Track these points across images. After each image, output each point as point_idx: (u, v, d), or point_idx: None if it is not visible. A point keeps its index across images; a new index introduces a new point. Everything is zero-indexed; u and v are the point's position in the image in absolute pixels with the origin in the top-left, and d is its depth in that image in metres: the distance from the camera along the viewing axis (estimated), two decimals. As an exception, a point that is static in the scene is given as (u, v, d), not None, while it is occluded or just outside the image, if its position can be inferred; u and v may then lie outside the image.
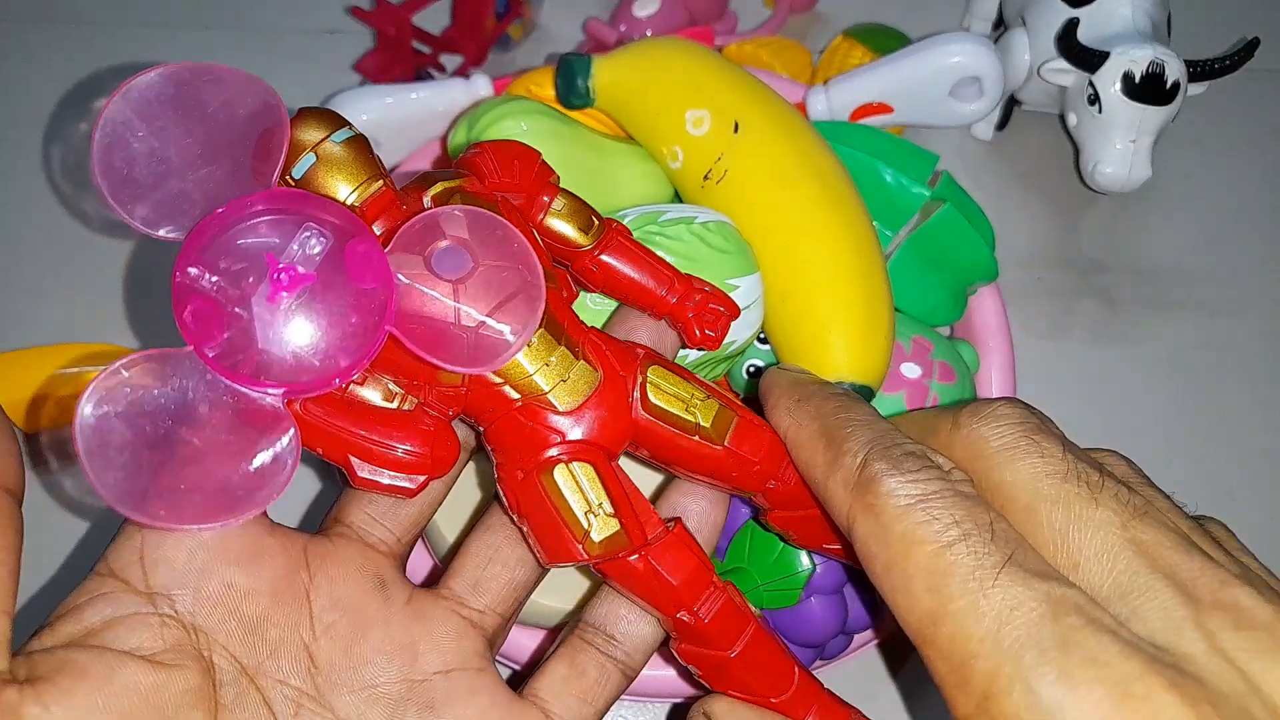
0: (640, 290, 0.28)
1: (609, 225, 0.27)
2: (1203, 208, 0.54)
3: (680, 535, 0.25)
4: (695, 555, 0.25)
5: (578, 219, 0.27)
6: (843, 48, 0.52)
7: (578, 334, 0.25)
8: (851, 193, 0.36)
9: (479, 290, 0.23)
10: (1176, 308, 0.51)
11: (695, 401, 0.25)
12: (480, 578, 0.26)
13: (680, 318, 0.28)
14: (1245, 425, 0.48)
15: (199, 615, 0.22)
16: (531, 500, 0.24)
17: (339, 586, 0.24)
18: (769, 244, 0.34)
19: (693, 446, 0.25)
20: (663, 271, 0.28)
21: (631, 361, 0.25)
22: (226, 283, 0.21)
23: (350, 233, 0.22)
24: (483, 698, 0.24)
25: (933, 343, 0.37)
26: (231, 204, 0.21)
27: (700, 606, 0.24)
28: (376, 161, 0.24)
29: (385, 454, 0.23)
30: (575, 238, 0.27)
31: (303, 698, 0.23)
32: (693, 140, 0.36)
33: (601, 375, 0.24)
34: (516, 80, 0.41)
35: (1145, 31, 0.47)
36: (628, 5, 0.54)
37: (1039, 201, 0.54)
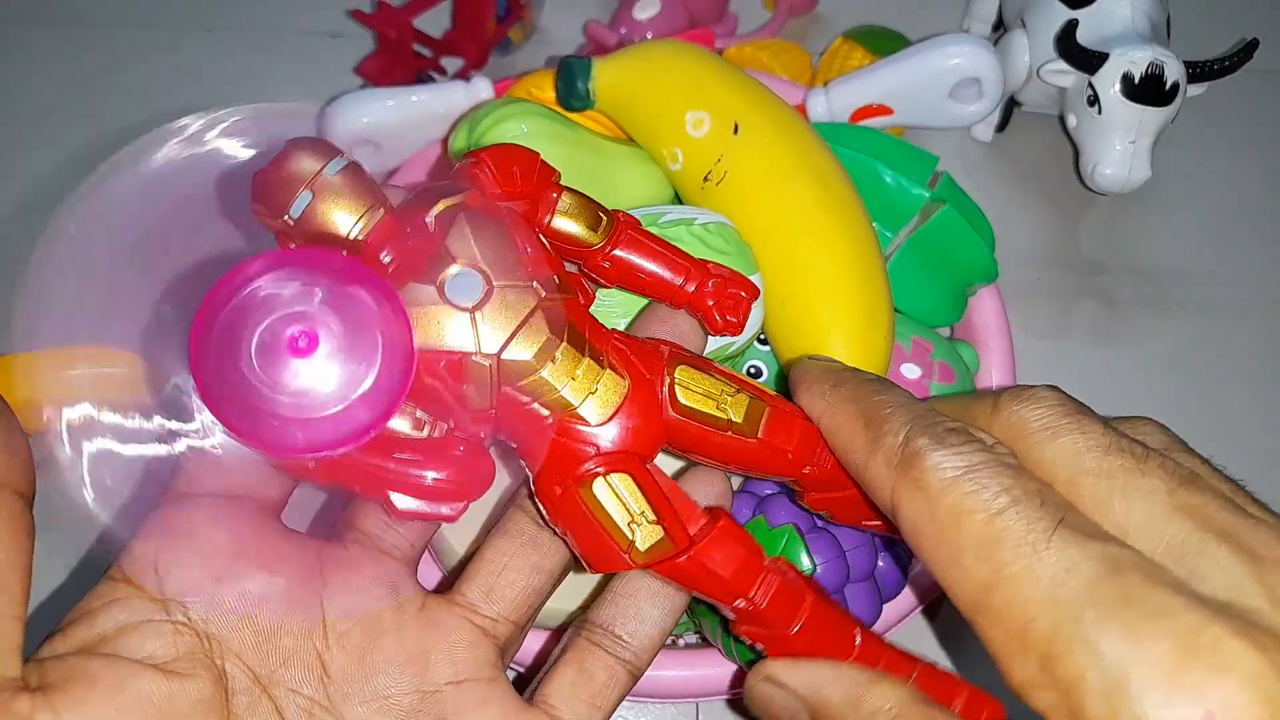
0: (656, 282, 0.27)
1: (617, 219, 0.27)
2: (1202, 208, 0.54)
3: (725, 528, 0.24)
4: (743, 545, 0.24)
5: (585, 217, 0.26)
6: (842, 50, 0.52)
7: (600, 342, 0.24)
8: (851, 194, 0.36)
9: (496, 315, 0.23)
10: (1176, 308, 0.51)
11: (725, 397, 0.25)
12: (494, 584, 0.26)
13: (700, 306, 0.28)
14: (1245, 425, 0.48)
15: (212, 622, 0.22)
16: (573, 514, 0.24)
17: (353, 594, 0.24)
18: (769, 245, 0.34)
19: (726, 442, 0.25)
20: (677, 260, 0.27)
21: (657, 363, 0.25)
22: (241, 345, 0.21)
23: (357, 282, 0.22)
24: (494, 708, 0.24)
25: (932, 343, 0.37)
26: (230, 275, 0.21)
27: (755, 592, 0.24)
28: (374, 187, 0.23)
29: (421, 485, 0.23)
30: (584, 236, 0.26)
31: (315, 707, 0.23)
32: (693, 142, 0.36)
33: (629, 382, 0.24)
34: (517, 83, 0.42)
35: (1144, 33, 0.47)
36: (628, 8, 0.54)
37: (1039, 202, 0.54)
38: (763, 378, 0.37)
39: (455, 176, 0.25)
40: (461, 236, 0.23)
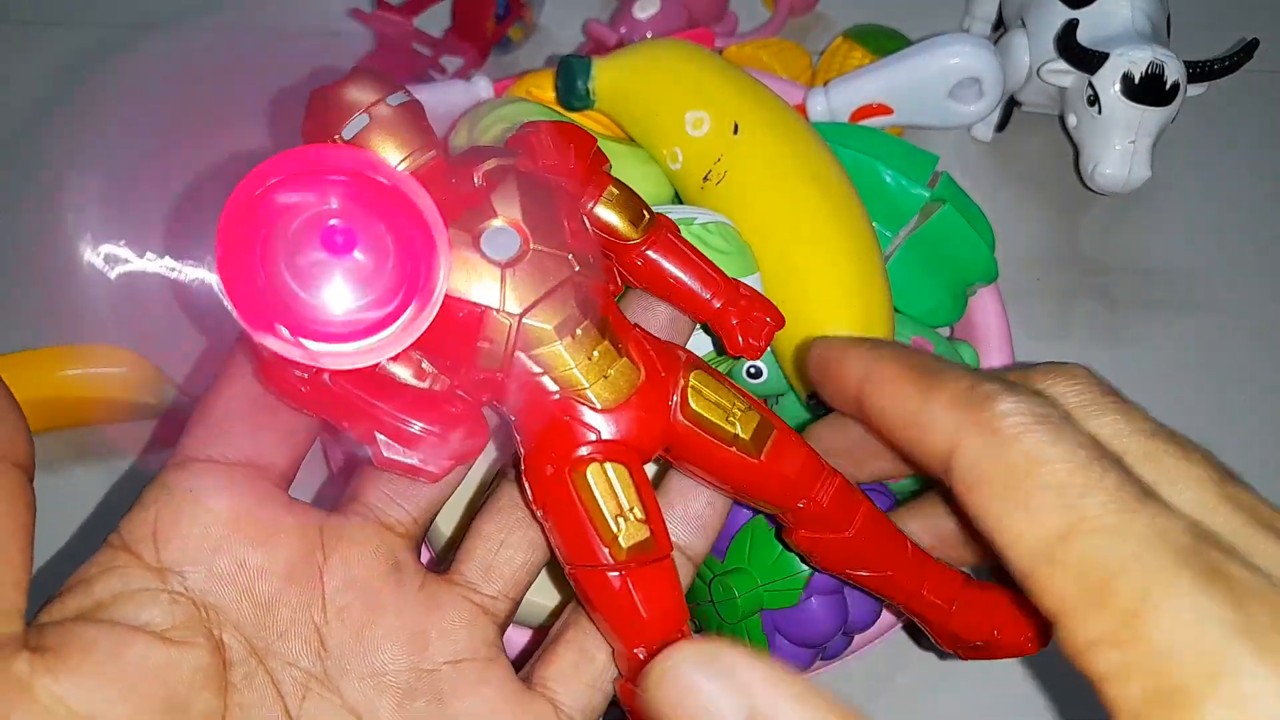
0: (685, 291, 0.26)
1: (659, 220, 0.26)
2: (1202, 208, 0.54)
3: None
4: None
5: (629, 210, 0.25)
6: (842, 49, 0.52)
7: (622, 330, 0.24)
8: (851, 194, 0.36)
9: (527, 277, 0.22)
10: (1176, 308, 0.51)
11: (736, 411, 0.24)
12: (492, 562, 0.25)
13: (723, 324, 0.27)
14: (1245, 425, 0.48)
15: (210, 593, 0.22)
16: (560, 498, 0.23)
17: (353, 568, 0.23)
18: (768, 245, 0.34)
19: (728, 457, 0.24)
20: (710, 274, 0.27)
21: (675, 364, 0.24)
22: (272, 239, 0.20)
23: (409, 198, 0.21)
24: (492, 689, 0.24)
25: (932, 343, 0.37)
26: (285, 159, 0.20)
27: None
28: (430, 131, 0.23)
29: (411, 435, 0.22)
30: (624, 230, 0.25)
31: (311, 681, 0.22)
32: (692, 141, 0.36)
33: (644, 374, 0.24)
34: (517, 82, 0.42)
35: (1145, 32, 0.47)
36: (628, 7, 0.54)
37: (1038, 202, 0.54)
38: (762, 378, 0.37)
39: (512, 142, 0.25)
40: (507, 195, 0.23)
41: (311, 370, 0.21)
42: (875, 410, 0.23)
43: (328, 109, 0.22)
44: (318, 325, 0.20)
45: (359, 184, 0.21)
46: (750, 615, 0.32)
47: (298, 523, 0.23)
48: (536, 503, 0.24)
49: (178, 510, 0.22)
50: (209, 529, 0.22)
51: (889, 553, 0.26)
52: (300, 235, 0.20)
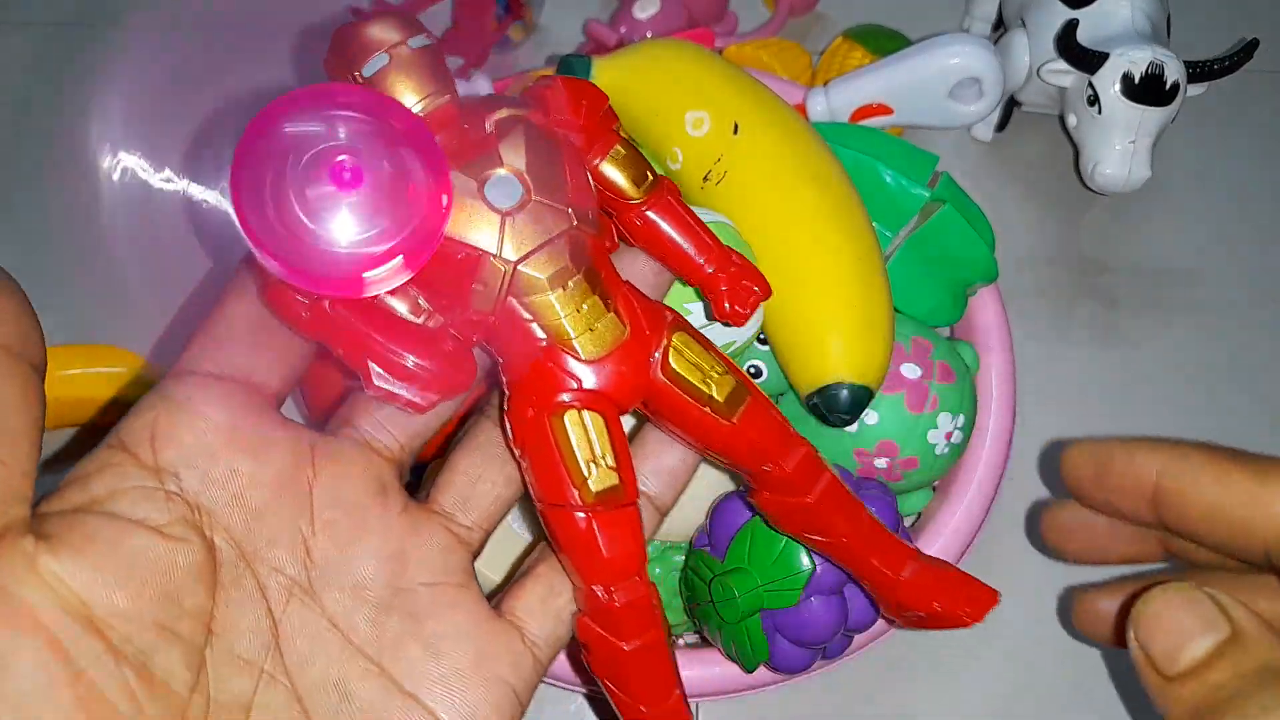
0: (679, 253, 0.27)
1: (662, 182, 0.27)
2: (1202, 208, 0.54)
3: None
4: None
5: (633, 170, 0.26)
6: (842, 49, 0.52)
7: (613, 285, 0.25)
8: (851, 194, 0.36)
9: (526, 226, 0.23)
10: (1176, 308, 0.51)
11: (713, 374, 0.25)
12: (470, 495, 0.26)
13: (713, 289, 0.28)
14: (1245, 425, 0.48)
15: (204, 495, 0.22)
16: (537, 439, 0.24)
17: (342, 486, 0.24)
18: (768, 245, 0.34)
19: (701, 417, 0.25)
20: (704, 239, 0.28)
21: (660, 323, 0.25)
22: (285, 169, 0.21)
23: (418, 140, 0.22)
24: (463, 612, 0.25)
25: (932, 343, 0.37)
26: (303, 94, 0.21)
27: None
28: (447, 75, 0.24)
29: (403, 367, 0.23)
30: (627, 188, 0.26)
31: (295, 587, 0.23)
32: (692, 141, 0.36)
33: (629, 331, 0.25)
34: (517, 82, 0.42)
35: (1145, 32, 0.47)
36: (628, 7, 0.54)
37: (1039, 202, 0.54)
38: (762, 378, 0.37)
39: (526, 94, 0.26)
40: (515, 144, 0.23)
41: (312, 296, 0.22)
42: (1184, 502, 0.25)
43: (350, 46, 0.23)
44: (322, 254, 0.21)
45: (369, 122, 0.22)
46: (750, 615, 0.32)
47: (289, 438, 0.24)
48: (516, 442, 0.25)
49: (174, 416, 0.23)
50: (204, 435, 0.23)
51: (845, 522, 0.27)
52: (310, 168, 0.21)
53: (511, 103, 0.25)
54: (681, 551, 0.39)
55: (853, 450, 0.36)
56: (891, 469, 0.36)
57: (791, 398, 0.38)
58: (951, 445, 0.37)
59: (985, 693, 0.41)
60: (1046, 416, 0.47)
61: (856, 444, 0.36)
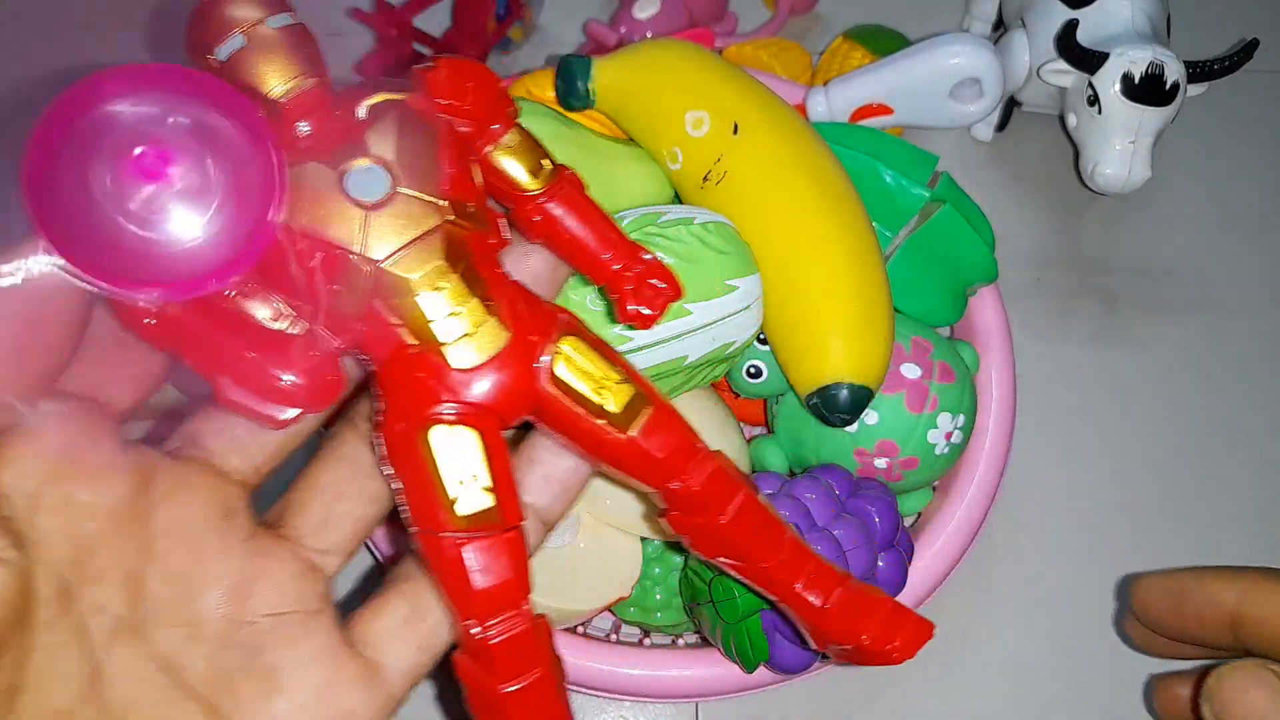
0: (582, 249, 0.25)
1: (562, 173, 0.25)
2: (1202, 208, 0.54)
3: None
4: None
5: (528, 158, 0.24)
6: (842, 49, 0.52)
7: (496, 287, 0.23)
8: (851, 194, 0.36)
9: (391, 221, 0.21)
10: (1176, 308, 0.51)
11: (608, 383, 0.23)
12: (328, 516, 0.24)
13: (617, 288, 0.26)
14: (1245, 425, 0.48)
15: (32, 524, 0.21)
16: (407, 457, 0.22)
17: (182, 513, 0.22)
18: (768, 245, 0.34)
19: (593, 429, 0.23)
20: (610, 234, 0.25)
21: (549, 326, 0.23)
22: (86, 165, 0.19)
23: (239, 117, 0.20)
24: (311, 642, 0.23)
25: (932, 343, 0.37)
26: (115, 75, 0.19)
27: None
28: (316, 57, 0.22)
29: (261, 379, 0.21)
30: (522, 180, 0.24)
31: (121, 626, 0.21)
32: (692, 141, 0.36)
33: (510, 337, 0.22)
34: (517, 82, 0.42)
35: (1145, 32, 0.47)
36: (628, 7, 0.54)
37: (1039, 202, 0.54)
38: (762, 378, 0.37)
39: (411, 76, 0.24)
40: (385, 132, 0.22)
41: (156, 302, 0.20)
42: (1269, 626, 0.26)
43: (204, 28, 0.21)
44: (130, 252, 0.19)
45: (190, 108, 0.19)
46: (750, 615, 0.32)
47: (130, 463, 0.22)
48: (388, 459, 0.23)
49: (8, 437, 0.21)
50: (39, 458, 0.21)
51: (765, 544, 0.25)
52: (116, 155, 0.19)
53: (392, 86, 0.23)
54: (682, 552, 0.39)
55: (853, 450, 0.36)
56: (891, 469, 0.36)
57: (792, 397, 0.38)
58: (951, 445, 0.37)
59: (984, 693, 0.41)
60: (1046, 416, 0.47)
61: (856, 444, 0.36)
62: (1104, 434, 0.47)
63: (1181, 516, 0.45)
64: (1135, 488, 0.46)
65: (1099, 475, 0.46)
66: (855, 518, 0.33)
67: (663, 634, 0.39)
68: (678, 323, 0.32)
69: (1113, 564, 0.44)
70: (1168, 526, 0.45)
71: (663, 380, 0.34)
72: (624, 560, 0.37)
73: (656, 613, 0.38)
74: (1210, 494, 0.46)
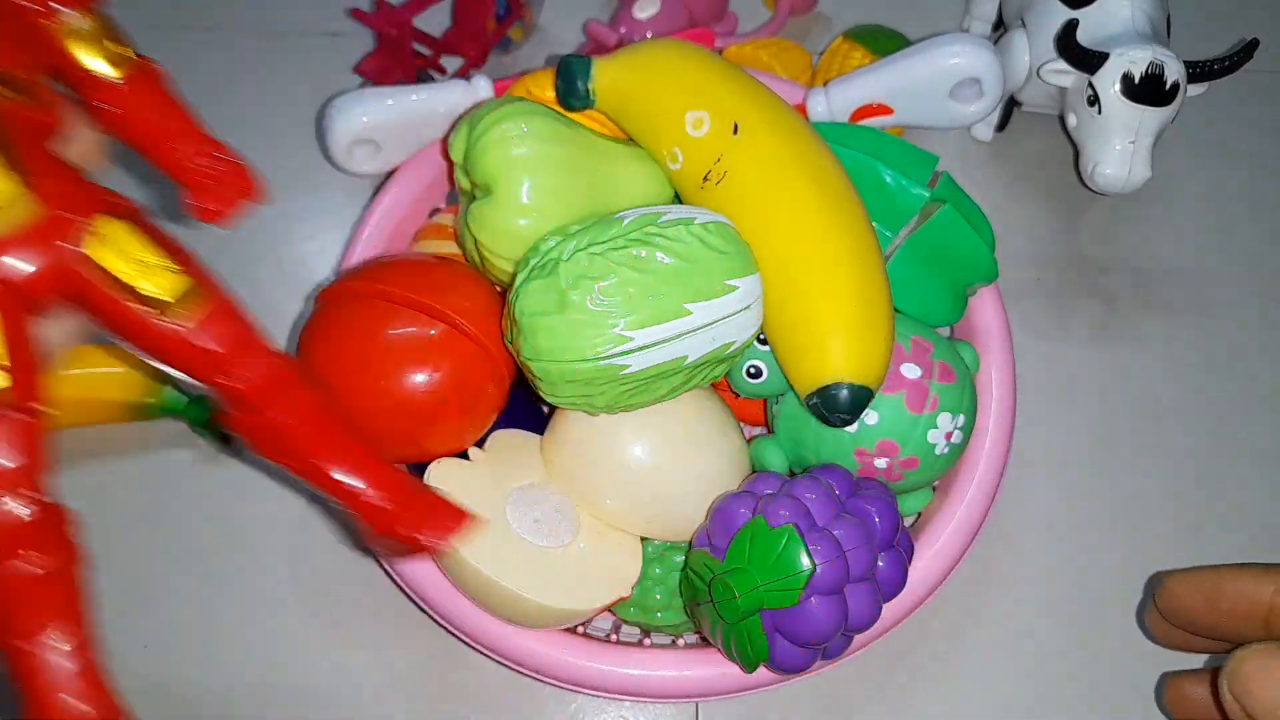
0: (155, 140, 0.25)
1: (146, 65, 0.25)
2: (1202, 208, 0.54)
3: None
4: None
5: (104, 47, 0.24)
6: (842, 49, 0.52)
7: (37, 164, 0.22)
8: (851, 194, 0.36)
9: None
10: (1176, 308, 0.51)
11: (158, 270, 0.23)
12: None
13: (188, 181, 0.25)
14: (1244, 425, 0.48)
15: None
16: None
17: None
18: (768, 245, 0.34)
19: (136, 316, 0.23)
20: (191, 129, 0.25)
21: (90, 207, 0.22)
22: None
23: None
24: None
25: (932, 343, 0.37)
26: None
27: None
28: None
29: None
30: (95, 68, 0.24)
31: None
32: (692, 142, 0.36)
33: (43, 214, 0.22)
34: (517, 82, 0.42)
35: (1145, 32, 0.47)
36: (628, 7, 0.54)
37: (1039, 202, 0.54)
38: (762, 378, 0.37)
39: None
40: None
41: None
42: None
43: None
44: None
45: None
46: (750, 615, 0.32)
47: None
48: None
49: None
50: None
51: (329, 448, 0.25)
52: None
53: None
54: (681, 551, 0.39)
55: (853, 450, 0.36)
56: (891, 469, 0.36)
57: (792, 397, 0.38)
58: (951, 445, 0.37)
59: (985, 692, 0.41)
60: (1046, 416, 0.47)
61: (856, 444, 0.36)
62: (1103, 433, 0.47)
63: (1181, 515, 0.45)
64: (1134, 487, 0.46)
65: (1098, 475, 0.46)
66: (855, 518, 0.33)
67: (663, 634, 0.39)
68: (678, 323, 0.32)
69: (1112, 563, 0.44)
70: (1167, 525, 0.45)
71: (663, 380, 0.34)
72: (624, 560, 0.37)
73: (657, 613, 0.38)
74: (1210, 493, 0.46)
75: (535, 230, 0.35)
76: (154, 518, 0.45)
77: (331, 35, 0.59)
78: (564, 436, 0.37)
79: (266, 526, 0.44)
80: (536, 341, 0.32)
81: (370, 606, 0.43)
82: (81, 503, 0.44)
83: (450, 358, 0.36)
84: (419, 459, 0.37)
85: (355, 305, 0.36)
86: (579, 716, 0.41)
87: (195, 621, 0.42)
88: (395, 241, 0.44)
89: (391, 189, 0.44)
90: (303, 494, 0.45)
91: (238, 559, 0.44)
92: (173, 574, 0.43)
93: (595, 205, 0.36)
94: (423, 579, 0.37)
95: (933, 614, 0.42)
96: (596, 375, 0.32)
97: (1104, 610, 0.43)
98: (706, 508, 0.36)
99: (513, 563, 0.34)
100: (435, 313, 0.36)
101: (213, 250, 0.51)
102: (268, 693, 0.41)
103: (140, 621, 0.42)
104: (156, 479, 0.46)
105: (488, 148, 0.35)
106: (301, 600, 0.43)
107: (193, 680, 0.41)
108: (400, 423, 0.35)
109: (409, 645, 0.42)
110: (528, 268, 0.33)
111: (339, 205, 0.52)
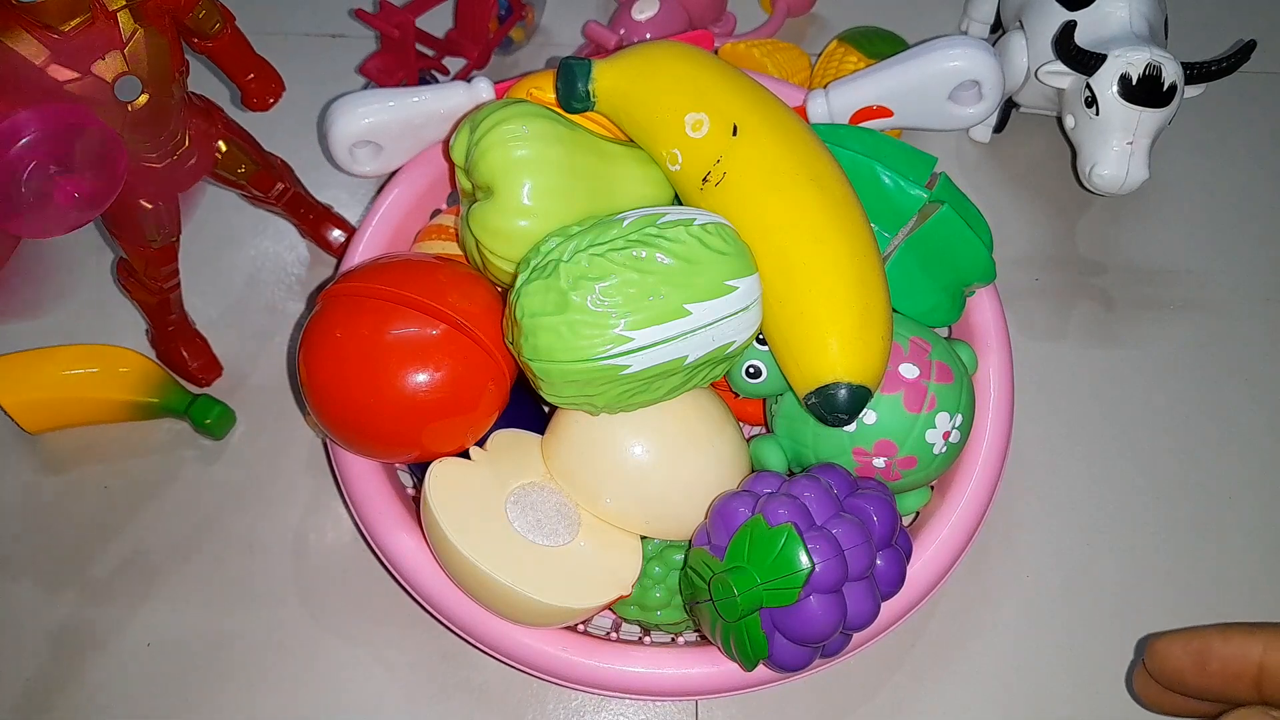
0: (227, 67, 0.42)
1: (226, 30, 0.40)
2: (1200, 209, 0.54)
3: None
4: None
5: (208, 22, 0.39)
6: (837, 54, 0.52)
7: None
8: (850, 195, 0.36)
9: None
10: (1173, 308, 0.51)
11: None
12: None
13: (243, 88, 0.43)
14: (1243, 425, 0.48)
15: None
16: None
17: None
18: (767, 246, 0.35)
19: None
20: (248, 62, 0.42)
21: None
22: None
23: None
24: None
25: (931, 343, 0.38)
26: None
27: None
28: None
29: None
30: (204, 29, 0.39)
31: None
32: (692, 143, 0.36)
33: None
34: (518, 84, 0.42)
35: (1142, 34, 0.47)
36: (627, 8, 0.54)
37: (1037, 203, 0.54)
38: (762, 378, 0.38)
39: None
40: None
41: None
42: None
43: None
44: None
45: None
46: (750, 614, 0.32)
47: None
48: None
49: None
50: None
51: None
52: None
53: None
54: (681, 550, 0.39)
55: (851, 450, 0.37)
56: (890, 468, 0.37)
57: (791, 397, 0.38)
58: (949, 445, 0.37)
59: (982, 689, 0.42)
60: (1044, 416, 0.47)
61: (855, 443, 0.37)
62: (1101, 433, 0.47)
63: (1178, 515, 0.45)
64: (1132, 486, 0.46)
65: (1096, 474, 0.46)
66: (854, 517, 0.33)
67: (663, 633, 0.40)
68: (678, 323, 0.32)
69: (1109, 562, 0.44)
70: (1164, 525, 0.45)
71: (663, 380, 0.34)
72: (624, 559, 0.37)
73: (656, 611, 0.38)
74: (1207, 492, 0.46)
75: (536, 231, 0.35)
76: (154, 517, 0.45)
77: (334, 37, 0.60)
78: (564, 436, 0.37)
79: (267, 526, 0.45)
80: (537, 341, 0.32)
81: (371, 605, 0.43)
82: (83, 502, 0.45)
83: (451, 358, 0.36)
84: (420, 459, 0.37)
85: (357, 305, 0.36)
86: (579, 714, 0.41)
87: (197, 620, 0.43)
88: (397, 242, 0.44)
89: (393, 190, 0.45)
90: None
91: (238, 558, 0.44)
92: (174, 573, 0.44)
93: (596, 206, 0.36)
94: (424, 578, 0.37)
95: (931, 612, 0.43)
96: (597, 375, 0.32)
97: (1102, 608, 0.43)
98: (706, 507, 0.36)
99: (513, 561, 0.35)
100: (436, 313, 0.36)
101: (215, 248, 0.52)
102: (268, 691, 0.41)
103: (141, 620, 0.42)
104: (157, 479, 0.46)
105: (489, 149, 0.35)
106: (303, 599, 0.43)
107: (193, 679, 0.41)
108: (401, 423, 0.36)
109: (410, 644, 0.42)
110: (528, 268, 0.34)
111: (341, 205, 0.52)
